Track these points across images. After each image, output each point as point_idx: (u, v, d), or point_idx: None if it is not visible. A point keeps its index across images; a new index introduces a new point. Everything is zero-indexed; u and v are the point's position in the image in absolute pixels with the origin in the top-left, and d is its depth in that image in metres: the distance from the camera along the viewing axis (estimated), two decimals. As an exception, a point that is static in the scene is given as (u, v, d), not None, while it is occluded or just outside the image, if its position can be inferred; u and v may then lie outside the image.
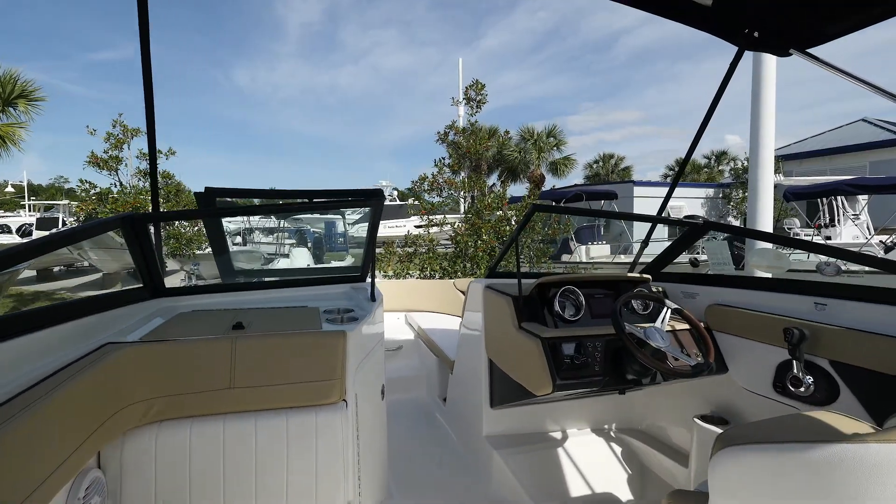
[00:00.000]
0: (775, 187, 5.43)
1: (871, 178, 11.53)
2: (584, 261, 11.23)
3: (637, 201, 20.50)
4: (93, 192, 7.72)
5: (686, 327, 2.30)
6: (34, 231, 21.51)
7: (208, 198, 1.97)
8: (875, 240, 9.93)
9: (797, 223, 13.49)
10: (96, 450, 1.43)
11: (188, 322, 1.98)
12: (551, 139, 24.70)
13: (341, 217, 20.92)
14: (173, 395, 1.59)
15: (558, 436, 2.82)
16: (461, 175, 7.67)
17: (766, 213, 5.06)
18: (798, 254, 8.39)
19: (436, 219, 6.86)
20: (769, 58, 4.89)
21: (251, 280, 2.48)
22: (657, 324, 2.16)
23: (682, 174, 2.76)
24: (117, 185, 7.80)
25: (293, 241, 18.79)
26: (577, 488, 2.55)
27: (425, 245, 6.53)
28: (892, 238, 10.24)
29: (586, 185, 28.32)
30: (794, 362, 1.93)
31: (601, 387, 2.15)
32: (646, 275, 2.62)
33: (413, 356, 4.24)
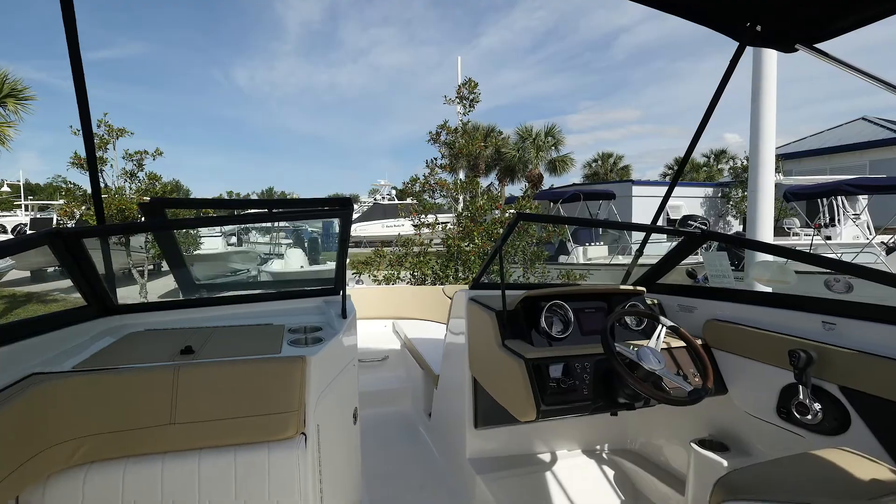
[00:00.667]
0: (775, 187, 5.26)
1: (871, 178, 11.37)
2: (581, 262, 11.04)
3: (636, 201, 20.35)
4: (78, 194, 7.53)
5: (683, 345, 2.13)
6: (28, 231, 21.37)
7: (154, 209, 1.80)
8: (876, 240, 9.76)
9: (797, 223, 13.32)
10: (13, 496, 1.26)
11: (135, 344, 1.81)
12: (550, 138, 24.54)
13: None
14: (105, 432, 1.42)
15: (546, 458, 2.65)
16: (456, 176, 7.50)
17: (766, 214, 4.89)
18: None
19: (428, 220, 6.67)
20: (770, 54, 4.72)
21: (215, 295, 2.31)
22: (651, 343, 1.99)
23: (681, 173, 2.59)
24: (102, 186, 7.59)
25: (290, 242, 18.63)
26: None
27: (417, 247, 6.35)
28: (894, 238, 10.08)
29: (585, 184, 28.15)
30: (801, 387, 1.77)
31: (590, 411, 1.98)
32: (640, 287, 2.45)
33: (399, 367, 4.07)
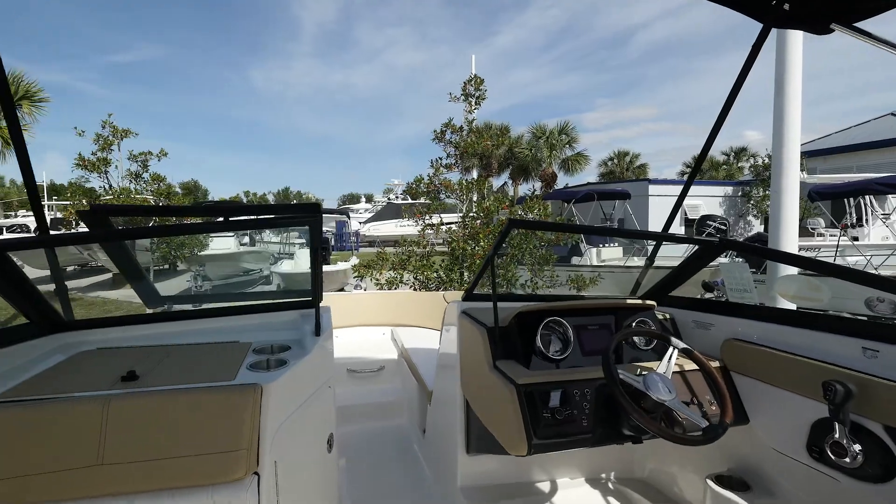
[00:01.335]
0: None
1: (903, 176, 10.80)
2: (595, 264, 10.71)
3: (653, 201, 19.86)
4: (81, 195, 7.50)
5: (696, 368, 1.87)
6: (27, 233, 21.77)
7: (96, 218, 1.61)
8: (908, 242, 9.26)
9: (822, 223, 12.78)
10: None
11: (78, 367, 1.63)
12: (563, 136, 24.11)
13: (347, 219, 20.70)
14: (20, 475, 1.23)
15: (546, 487, 2.41)
16: (464, 176, 7.27)
17: (791, 215, 4.54)
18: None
19: (433, 220, 6.45)
20: (794, 41, 4.37)
21: (182, 308, 2.12)
22: (661, 367, 1.75)
23: (698, 171, 2.33)
24: (107, 187, 7.56)
25: (302, 241, 18.59)
26: None
27: (420, 249, 6.13)
28: (926, 240, 9.55)
29: (600, 183, 27.66)
30: (837, 424, 1.50)
31: (590, 444, 1.75)
32: (650, 300, 2.20)
33: (395, 378, 3.87)
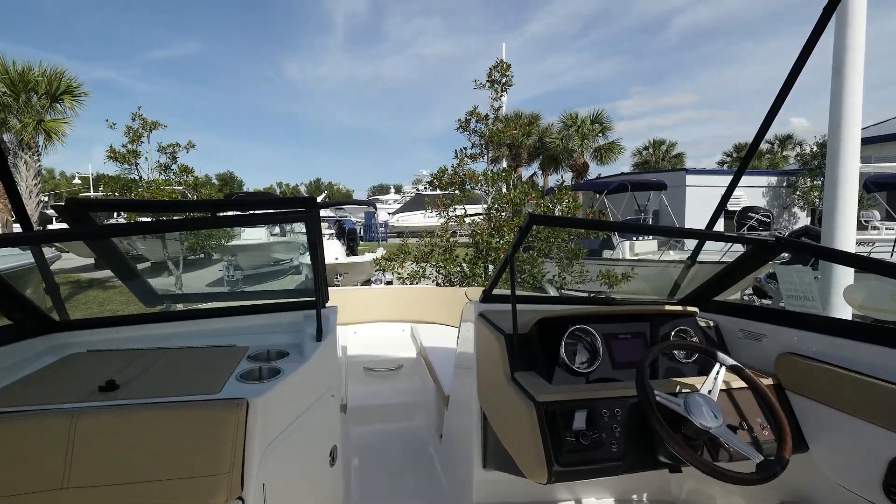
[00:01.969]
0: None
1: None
2: (627, 258, 10.28)
3: (690, 192, 19.01)
4: (114, 187, 7.66)
5: (744, 385, 1.63)
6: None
7: (73, 212, 1.49)
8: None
9: (877, 215, 11.92)
10: None
11: (60, 373, 1.52)
12: (596, 125, 23.36)
13: (374, 210, 20.69)
14: None
15: None
16: (495, 166, 7.02)
17: (848, 208, 4.10)
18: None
19: (457, 212, 6.24)
20: (856, 19, 3.93)
21: (179, 308, 2.01)
22: (705, 387, 1.52)
23: (750, 160, 2.07)
24: (137, 179, 7.70)
25: (331, 232, 18.73)
26: None
27: (443, 243, 5.95)
28: None
29: (633, 173, 26.73)
30: None
31: (620, 473, 1.53)
32: (691, 307, 1.95)
33: (414, 377, 3.72)
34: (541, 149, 25.24)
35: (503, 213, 5.78)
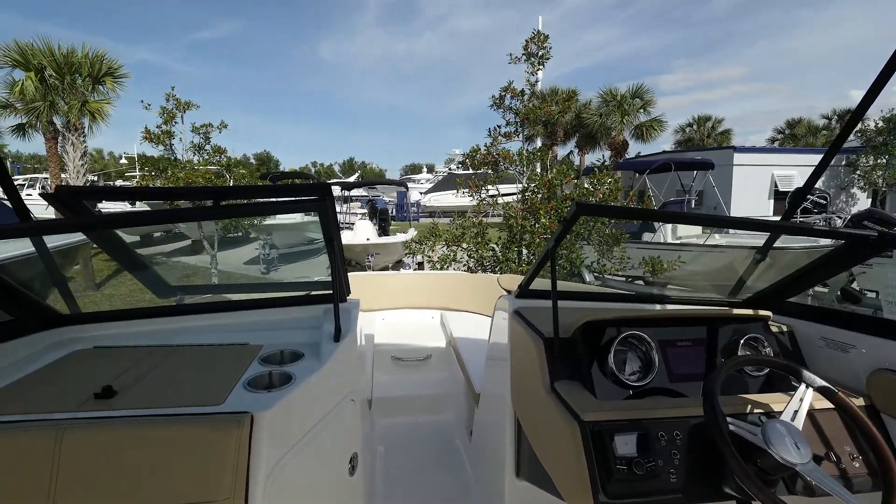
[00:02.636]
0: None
1: None
2: (669, 241, 9.75)
3: (738, 171, 17.93)
4: (150, 167, 7.76)
5: (830, 406, 1.37)
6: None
7: (65, 201, 1.35)
8: None
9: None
10: None
11: (59, 374, 1.42)
12: (637, 101, 22.26)
13: (405, 189, 20.56)
14: None
15: None
16: (530, 145, 6.68)
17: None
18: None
19: (490, 192, 5.97)
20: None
21: (194, 301, 1.89)
22: (787, 412, 1.27)
23: (848, 135, 1.74)
24: (172, 160, 7.76)
25: (363, 212, 18.74)
26: None
27: (475, 227, 5.71)
28: None
29: (676, 151, 25.47)
30: None
31: None
32: (763, 311, 1.68)
33: (444, 368, 3.56)
34: (577, 126, 24.34)
35: (538, 195, 5.47)
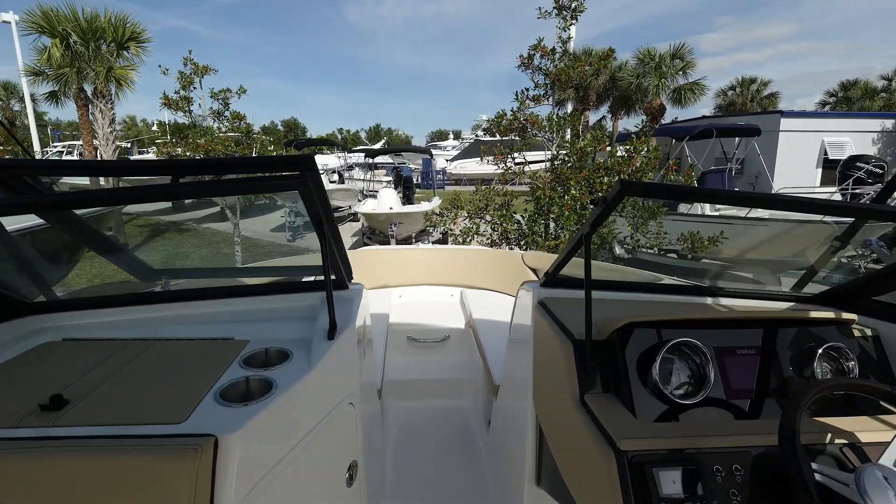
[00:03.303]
0: None
1: None
2: (707, 213, 9.17)
3: (784, 137, 16.75)
4: (170, 134, 7.66)
5: None
6: None
7: (6, 179, 1.14)
8: None
9: None
10: None
11: (14, 373, 1.25)
12: (677, 61, 20.91)
13: (430, 156, 20.15)
14: None
15: None
16: (555, 110, 6.22)
17: None
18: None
19: (516, 161, 5.60)
20: None
21: (178, 286, 1.70)
22: (888, 458, 0.99)
23: None
24: (192, 126, 7.62)
25: (388, 179, 18.48)
26: None
27: (499, 196, 5.38)
28: None
29: (715, 116, 24.00)
30: None
31: None
32: (847, 314, 1.37)
33: (463, 351, 3.36)
34: (611, 89, 23.14)
35: (568, 164, 5.07)
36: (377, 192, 13.22)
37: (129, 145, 34.78)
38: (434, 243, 10.65)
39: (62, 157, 25.86)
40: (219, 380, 1.19)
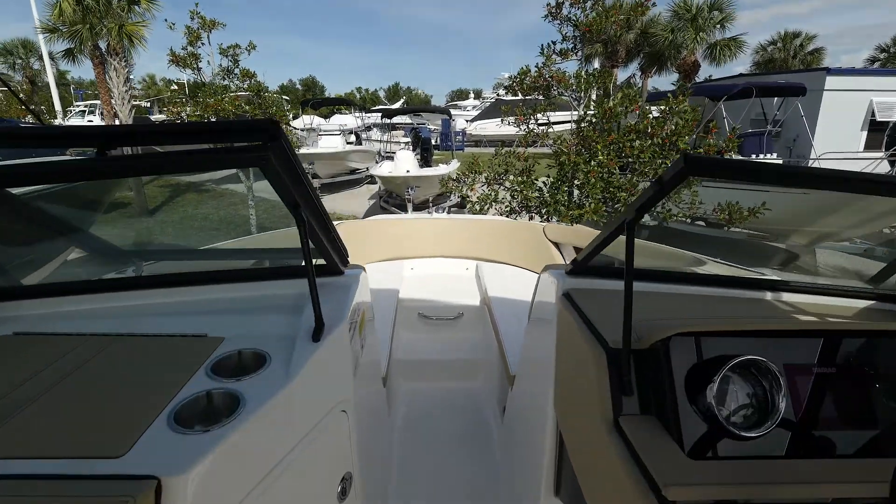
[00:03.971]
0: None
1: None
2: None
3: (828, 97, 15.55)
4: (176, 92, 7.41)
5: None
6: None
7: None
8: None
9: None
10: None
11: None
12: (715, 13, 19.48)
13: (449, 117, 19.55)
14: None
15: None
16: (583, 66, 5.74)
17: None
18: None
19: (538, 125, 5.21)
20: None
21: (153, 270, 1.50)
22: None
23: None
24: (202, 84, 7.35)
25: (407, 141, 18.05)
26: None
27: (521, 162, 5.03)
28: None
29: (753, 74, 22.49)
30: None
31: None
32: None
33: (478, 329, 3.15)
34: (642, 45, 21.83)
35: (595, 127, 4.67)
36: (395, 153, 12.87)
37: (150, 104, 34.69)
38: (452, 207, 10.33)
39: (84, 116, 25.97)
40: (176, 395, 0.99)
